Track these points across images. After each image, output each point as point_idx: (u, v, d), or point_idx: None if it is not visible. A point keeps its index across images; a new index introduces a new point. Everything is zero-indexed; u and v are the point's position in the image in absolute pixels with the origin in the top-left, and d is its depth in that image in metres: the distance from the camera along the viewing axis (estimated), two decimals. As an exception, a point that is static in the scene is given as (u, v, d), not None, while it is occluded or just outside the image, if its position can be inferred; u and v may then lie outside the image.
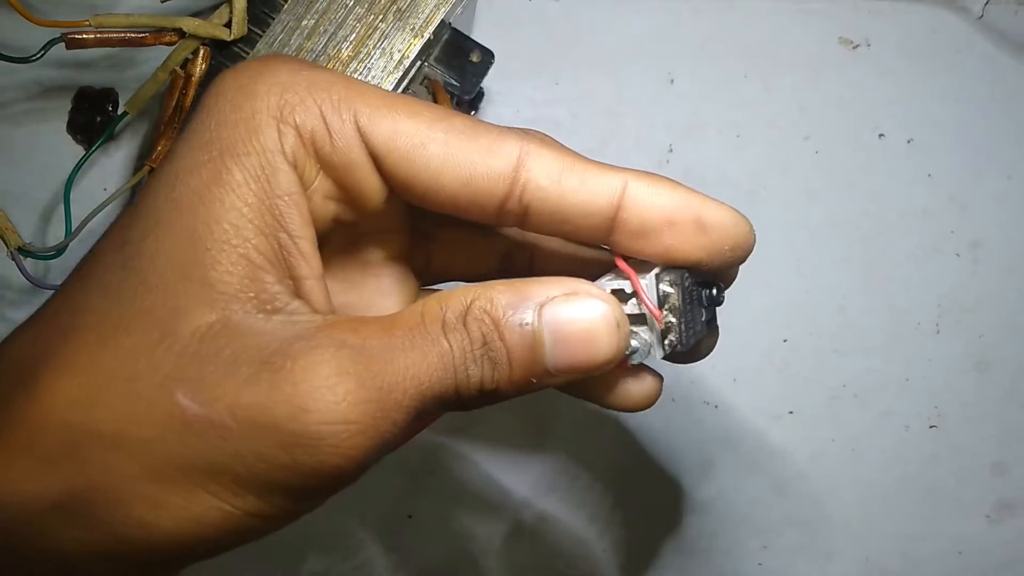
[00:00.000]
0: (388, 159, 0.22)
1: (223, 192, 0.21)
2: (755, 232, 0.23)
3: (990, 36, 0.43)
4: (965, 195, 0.43)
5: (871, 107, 0.43)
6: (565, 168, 0.22)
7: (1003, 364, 0.43)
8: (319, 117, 0.21)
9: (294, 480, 0.20)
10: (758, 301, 0.43)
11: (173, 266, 0.20)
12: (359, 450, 0.20)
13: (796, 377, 0.43)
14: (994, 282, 0.43)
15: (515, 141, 0.22)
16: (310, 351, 0.20)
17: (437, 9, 0.35)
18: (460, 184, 0.22)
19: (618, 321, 0.22)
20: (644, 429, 0.43)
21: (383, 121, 0.22)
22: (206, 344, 0.20)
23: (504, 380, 0.21)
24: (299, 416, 0.19)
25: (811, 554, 0.44)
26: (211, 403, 0.19)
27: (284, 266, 0.21)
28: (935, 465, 0.44)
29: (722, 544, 0.44)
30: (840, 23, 0.43)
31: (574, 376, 0.22)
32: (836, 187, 0.43)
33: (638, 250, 0.23)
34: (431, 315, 0.21)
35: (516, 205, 0.22)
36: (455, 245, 0.28)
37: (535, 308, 0.21)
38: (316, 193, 0.22)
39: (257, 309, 0.21)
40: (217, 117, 0.21)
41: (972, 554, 0.44)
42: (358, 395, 0.19)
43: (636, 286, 0.22)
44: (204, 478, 0.20)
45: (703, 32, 0.43)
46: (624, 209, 0.22)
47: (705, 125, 0.43)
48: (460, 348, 0.21)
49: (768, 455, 0.43)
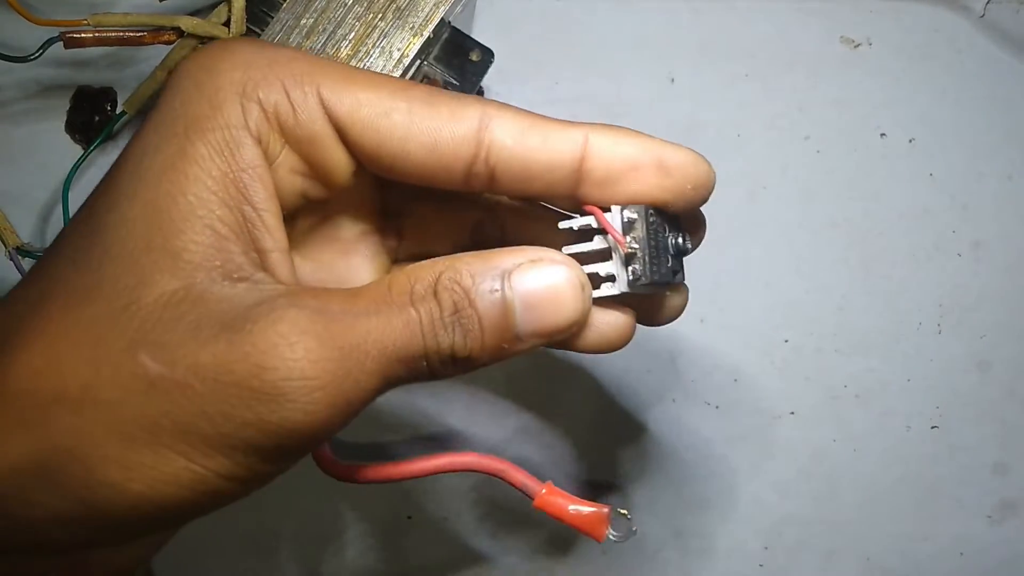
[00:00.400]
0: (353, 131, 0.22)
1: (187, 165, 0.21)
2: (715, 172, 0.24)
3: (992, 35, 0.43)
4: (966, 195, 0.43)
5: (872, 107, 0.43)
6: (527, 127, 0.23)
7: (1004, 364, 0.43)
8: (282, 92, 0.22)
9: (260, 438, 0.20)
10: (759, 301, 0.43)
11: (137, 236, 0.21)
12: (321, 406, 0.20)
13: (797, 377, 0.43)
14: (995, 282, 0.43)
15: (476, 105, 0.23)
16: (270, 312, 0.20)
17: (437, 8, 0.35)
18: (426, 151, 0.23)
19: (582, 283, 0.23)
20: (645, 429, 0.43)
21: (345, 93, 0.22)
22: (170, 310, 0.20)
23: (477, 347, 0.22)
24: (259, 374, 0.19)
25: (812, 554, 0.44)
26: (174, 364, 0.20)
27: (249, 238, 0.22)
28: (936, 465, 0.43)
29: (723, 544, 0.44)
30: (841, 22, 0.43)
31: (543, 340, 0.23)
32: (837, 187, 0.43)
33: (606, 198, 0.24)
34: (398, 286, 0.22)
35: (483, 167, 0.23)
36: (426, 220, 0.28)
37: (503, 276, 0.22)
38: (282, 167, 0.23)
39: (222, 277, 0.21)
40: (182, 95, 0.22)
41: (973, 554, 0.44)
42: (318, 353, 0.20)
43: (599, 216, 0.23)
44: (171, 438, 0.20)
45: (703, 32, 0.43)
46: (588, 160, 0.23)
47: (705, 125, 0.43)
48: (428, 316, 0.21)
49: (769, 455, 0.43)
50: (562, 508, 0.24)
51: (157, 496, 0.20)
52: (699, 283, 0.43)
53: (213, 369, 0.20)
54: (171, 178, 0.21)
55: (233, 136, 0.21)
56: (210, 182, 0.21)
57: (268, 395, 0.20)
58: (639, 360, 0.43)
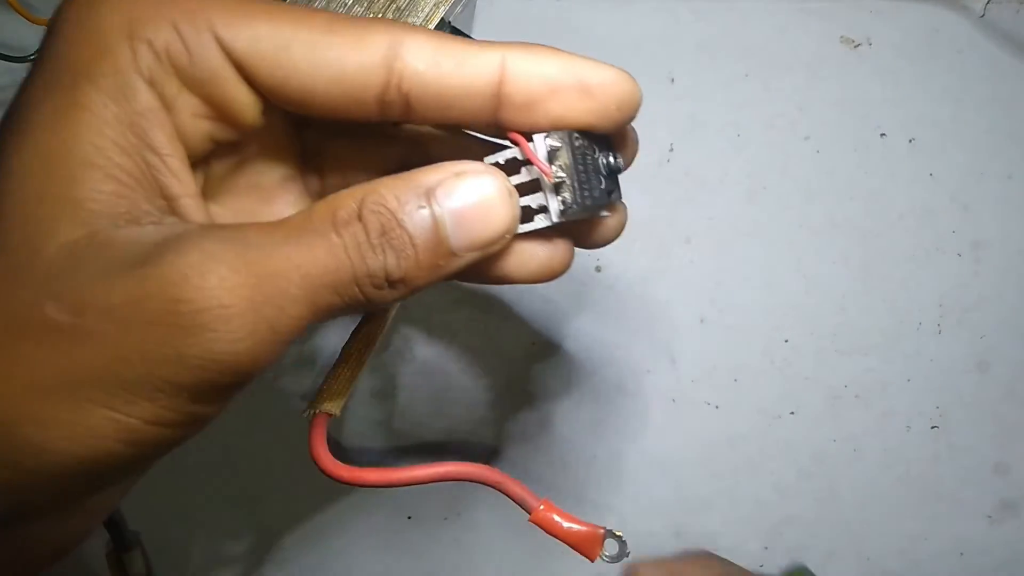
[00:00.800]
0: (253, 67, 0.21)
1: (79, 113, 0.20)
2: (640, 89, 0.23)
3: (992, 35, 0.43)
4: (967, 195, 0.43)
5: (872, 107, 0.43)
6: (440, 51, 0.22)
7: (1005, 364, 0.43)
8: (172, 31, 0.21)
9: (183, 375, 0.19)
10: (759, 301, 0.43)
11: (30, 188, 0.20)
12: (242, 335, 0.19)
13: (797, 377, 0.43)
14: (995, 282, 0.43)
15: (383, 30, 0.22)
16: (179, 243, 0.19)
17: (437, 8, 0.35)
18: (332, 82, 0.21)
19: (508, 190, 0.22)
20: (645, 429, 0.43)
21: (241, 28, 0.21)
22: (74, 258, 0.19)
23: (412, 266, 0.21)
24: (172, 308, 0.19)
25: (812, 554, 0.44)
26: (82, 310, 0.19)
27: (155, 185, 0.21)
28: (936, 465, 0.43)
29: (724, 544, 0.44)
30: (841, 22, 0.43)
31: (478, 252, 0.22)
32: (837, 187, 0.43)
33: (529, 123, 0.23)
34: (320, 214, 0.21)
35: (396, 95, 0.22)
36: (348, 160, 0.27)
37: (428, 193, 0.21)
38: (183, 111, 0.21)
39: (128, 223, 0.20)
40: (65, 41, 0.20)
41: (973, 554, 0.44)
42: (232, 280, 0.19)
43: (523, 146, 0.22)
44: (89, 388, 0.19)
45: (703, 32, 0.43)
46: (506, 83, 0.22)
47: (706, 125, 0.43)
48: (353, 239, 0.20)
49: (769, 455, 0.43)
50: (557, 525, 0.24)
51: (83, 451, 0.19)
52: (699, 283, 0.43)
53: (124, 309, 0.19)
54: (62, 127, 0.20)
55: (125, 80, 0.20)
56: (105, 129, 0.20)
57: (184, 328, 0.19)
58: (639, 360, 0.43)
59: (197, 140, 0.22)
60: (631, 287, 0.43)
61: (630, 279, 0.43)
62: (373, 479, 0.25)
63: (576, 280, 0.43)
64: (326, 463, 0.26)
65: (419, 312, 0.44)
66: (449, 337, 0.44)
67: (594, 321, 0.43)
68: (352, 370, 0.26)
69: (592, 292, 0.43)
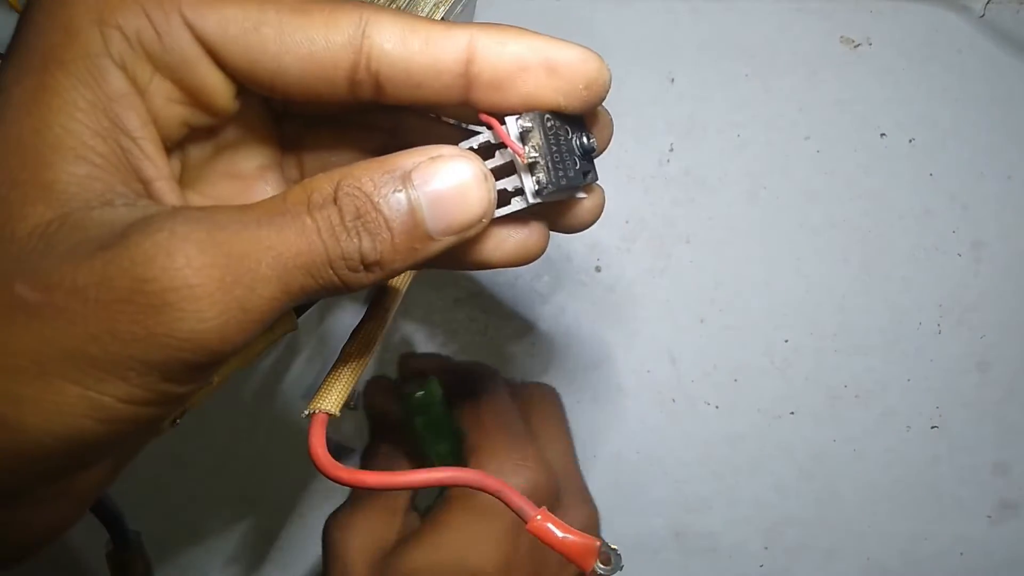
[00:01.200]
0: (224, 49, 0.21)
1: (50, 97, 0.20)
2: (608, 68, 0.23)
3: (991, 36, 0.43)
4: (966, 195, 0.43)
5: (872, 107, 0.43)
6: (408, 30, 0.22)
7: (1004, 364, 0.43)
8: (142, 15, 0.21)
9: (154, 354, 0.19)
10: (759, 301, 0.43)
11: (2, 173, 0.20)
12: (211, 314, 0.19)
13: (797, 377, 0.43)
14: (995, 282, 0.43)
15: (352, 10, 0.22)
16: (146, 225, 0.19)
17: (436, 8, 0.35)
18: (303, 63, 0.22)
19: (484, 173, 0.22)
20: (646, 429, 0.43)
21: (210, 11, 0.21)
22: (45, 239, 0.19)
23: (388, 249, 0.21)
24: (140, 287, 0.19)
25: (812, 554, 0.44)
26: (51, 289, 0.19)
27: (129, 168, 0.21)
28: (936, 465, 0.43)
29: (724, 544, 0.44)
30: (841, 22, 0.43)
31: (454, 237, 0.22)
32: (837, 187, 0.43)
33: (498, 103, 0.23)
34: (294, 197, 0.21)
35: (366, 75, 0.22)
36: (326, 149, 0.27)
37: (404, 177, 0.21)
38: (156, 96, 0.22)
39: (102, 205, 0.20)
40: (34, 28, 0.21)
41: (973, 554, 0.44)
42: (200, 260, 0.19)
43: (496, 128, 0.22)
44: (60, 366, 0.19)
45: (703, 32, 0.43)
46: (474, 63, 0.22)
47: (705, 125, 0.43)
48: (327, 222, 0.20)
49: (769, 455, 0.43)
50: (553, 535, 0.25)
51: (56, 428, 0.19)
52: (700, 283, 0.43)
53: (93, 288, 0.19)
54: (33, 111, 0.20)
55: (96, 64, 0.20)
56: (77, 113, 0.20)
57: (153, 307, 0.19)
58: (639, 360, 0.43)
59: (172, 125, 0.22)
60: (631, 287, 0.43)
61: (630, 279, 0.43)
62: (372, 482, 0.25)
63: (576, 280, 0.43)
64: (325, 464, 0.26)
65: (419, 312, 0.44)
66: (449, 337, 0.44)
67: (594, 321, 0.43)
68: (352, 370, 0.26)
69: (592, 292, 0.43)
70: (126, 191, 0.21)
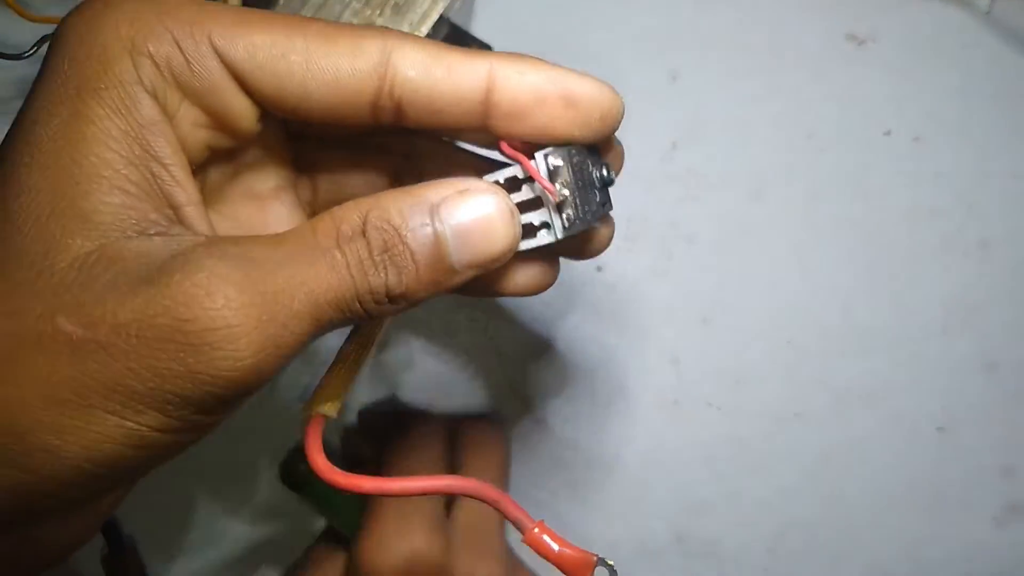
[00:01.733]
0: (251, 76, 0.22)
1: (84, 126, 0.21)
2: (622, 99, 0.24)
3: (998, 32, 0.43)
4: (972, 194, 0.43)
5: (877, 104, 0.43)
6: (431, 58, 0.23)
7: (1011, 365, 0.43)
8: (173, 44, 0.22)
9: (191, 390, 0.20)
10: (762, 302, 0.43)
11: (41, 203, 0.20)
12: (247, 353, 0.20)
13: (801, 379, 0.43)
14: (1002, 282, 0.43)
15: (377, 38, 0.23)
16: (186, 262, 0.20)
17: (435, 3, 0.35)
18: (328, 89, 0.22)
19: (511, 209, 0.23)
20: (648, 431, 0.43)
21: (239, 38, 0.22)
22: (85, 271, 0.20)
23: (413, 282, 0.22)
24: (181, 326, 0.20)
25: (817, 558, 0.43)
26: (93, 324, 0.20)
27: (160, 195, 0.22)
28: (942, 468, 0.43)
29: (727, 548, 0.43)
30: (846, 18, 0.43)
31: (478, 270, 0.23)
32: (841, 186, 0.43)
33: (516, 132, 0.24)
34: (324, 229, 0.22)
35: (388, 101, 0.23)
36: (341, 171, 0.28)
37: (432, 209, 0.22)
38: (183, 121, 0.22)
39: (138, 234, 0.21)
40: (68, 55, 0.21)
41: (979, 558, 0.43)
42: (239, 300, 0.20)
43: (526, 165, 0.23)
44: (101, 398, 0.20)
45: (706, 28, 0.43)
46: (494, 92, 0.23)
47: (708, 123, 0.43)
48: (356, 257, 0.21)
49: (773, 458, 0.43)
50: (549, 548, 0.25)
51: (95, 455, 0.20)
52: (702, 283, 0.43)
53: (135, 326, 0.20)
54: (69, 141, 0.21)
55: (128, 93, 0.21)
56: (111, 141, 0.21)
57: (193, 346, 0.20)
58: (641, 361, 0.43)
59: (197, 149, 0.23)
60: (633, 287, 0.43)
61: (632, 279, 0.43)
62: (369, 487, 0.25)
63: (577, 280, 0.43)
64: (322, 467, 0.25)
65: (419, 312, 0.43)
66: (449, 337, 0.44)
67: (595, 322, 0.43)
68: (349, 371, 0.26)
69: (593, 292, 0.43)
70: (158, 218, 0.21)
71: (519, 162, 0.23)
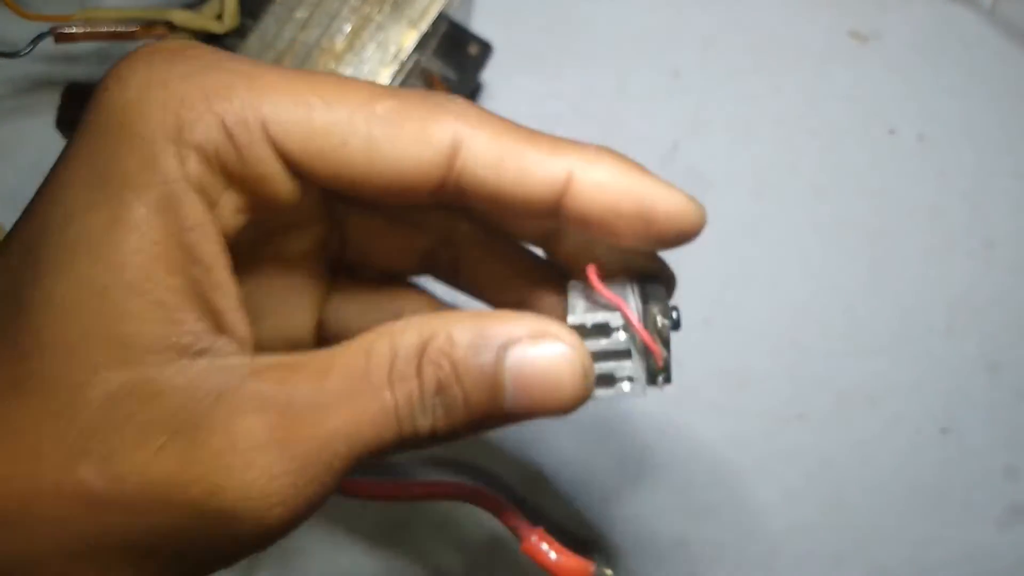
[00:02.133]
0: (304, 163, 0.20)
1: (125, 233, 0.19)
2: (705, 214, 0.23)
3: (1002, 30, 0.43)
4: (977, 193, 0.43)
5: (881, 103, 0.43)
6: (504, 152, 0.21)
7: (1016, 366, 0.43)
8: (222, 131, 0.19)
9: (211, 554, 0.19)
10: (765, 302, 0.43)
11: (73, 320, 0.19)
12: (280, 521, 0.19)
13: (804, 380, 0.43)
14: (1007, 282, 0.43)
15: (448, 124, 0.21)
16: (227, 418, 0.19)
17: (434, 0, 0.34)
18: (387, 180, 0.21)
19: (586, 370, 0.20)
20: (648, 432, 0.43)
21: (294, 124, 0.20)
22: (116, 409, 0.18)
23: (459, 424, 0.20)
24: (215, 492, 0.18)
25: (819, 559, 0.43)
26: (120, 479, 0.18)
27: (202, 301, 0.20)
28: (946, 469, 0.43)
29: (729, 550, 0.43)
30: (850, 16, 0.43)
31: (531, 418, 0.21)
32: (845, 185, 0.43)
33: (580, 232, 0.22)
34: (378, 358, 0.20)
35: (452, 191, 0.21)
36: (373, 235, 0.26)
37: (499, 350, 0.20)
38: (225, 209, 0.21)
39: (178, 355, 0.19)
40: (109, 142, 0.19)
41: (982, 560, 0.43)
42: (279, 467, 0.19)
43: (636, 327, 0.21)
44: (119, 554, 0.19)
45: (709, 25, 0.43)
46: (567, 198, 0.21)
47: (711, 121, 0.43)
48: (407, 399, 0.19)
49: (776, 459, 0.43)
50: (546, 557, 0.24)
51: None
52: (704, 284, 0.43)
53: (164, 487, 0.18)
54: (107, 250, 0.19)
55: (172, 191, 0.19)
56: (154, 249, 0.19)
57: (225, 515, 0.18)
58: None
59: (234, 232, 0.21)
60: (634, 287, 0.43)
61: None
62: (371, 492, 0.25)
63: (578, 280, 0.43)
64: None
65: (418, 312, 0.43)
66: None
67: (596, 322, 0.43)
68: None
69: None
70: (199, 329, 0.19)
71: (623, 313, 0.21)
